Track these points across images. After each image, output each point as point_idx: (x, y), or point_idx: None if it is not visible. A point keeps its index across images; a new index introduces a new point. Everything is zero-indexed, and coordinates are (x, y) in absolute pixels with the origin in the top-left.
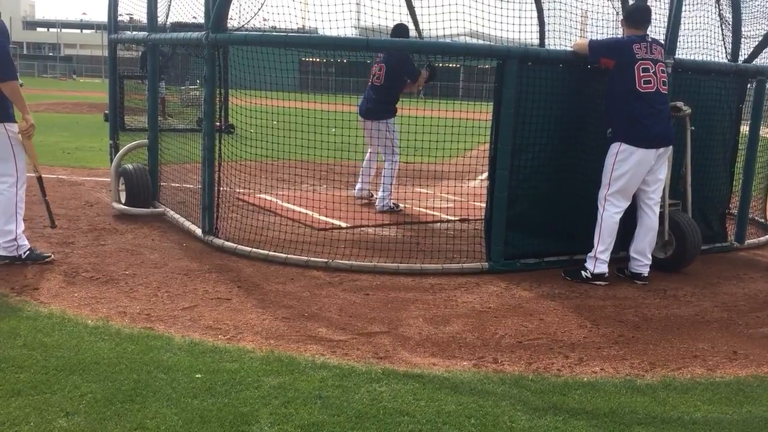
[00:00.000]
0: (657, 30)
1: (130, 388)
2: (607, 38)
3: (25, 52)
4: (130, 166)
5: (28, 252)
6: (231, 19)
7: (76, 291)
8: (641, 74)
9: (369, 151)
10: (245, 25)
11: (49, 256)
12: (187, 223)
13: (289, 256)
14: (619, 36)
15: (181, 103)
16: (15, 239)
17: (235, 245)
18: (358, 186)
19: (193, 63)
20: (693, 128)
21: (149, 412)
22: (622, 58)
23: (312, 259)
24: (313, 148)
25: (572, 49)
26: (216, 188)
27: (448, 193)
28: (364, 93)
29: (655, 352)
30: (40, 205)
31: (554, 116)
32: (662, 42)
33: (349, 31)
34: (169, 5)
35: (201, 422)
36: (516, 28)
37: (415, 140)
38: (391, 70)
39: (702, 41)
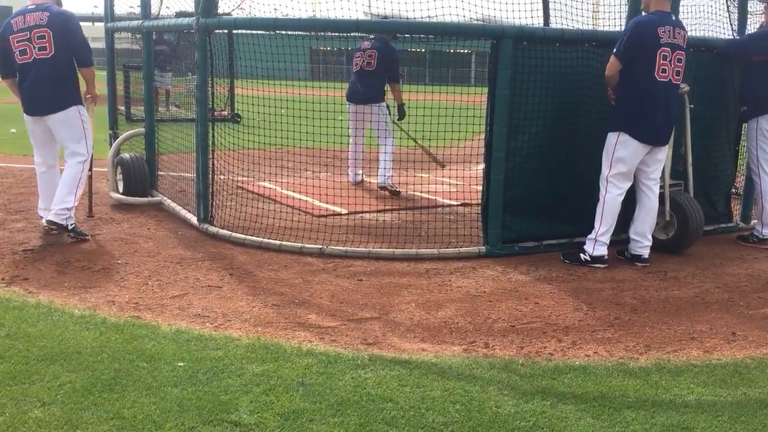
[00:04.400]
0: None
1: (110, 377)
2: (628, 38)
3: None
4: (127, 156)
5: (73, 225)
6: (241, 9)
7: (66, 280)
8: (661, 62)
9: (354, 136)
10: (247, 10)
11: (88, 236)
12: (183, 212)
13: (283, 243)
14: (638, 21)
15: (187, 93)
16: (69, 209)
17: (230, 233)
18: (358, 172)
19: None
20: (692, 106)
21: (127, 402)
22: (646, 48)
23: (306, 245)
24: (320, 135)
25: (607, 75)
26: (210, 176)
27: (450, 178)
28: (352, 80)
29: (651, 335)
30: (36, 196)
31: (551, 96)
32: (684, 26)
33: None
34: None
35: (179, 411)
36: (520, 8)
37: (423, 124)
38: (381, 59)
39: (707, 16)
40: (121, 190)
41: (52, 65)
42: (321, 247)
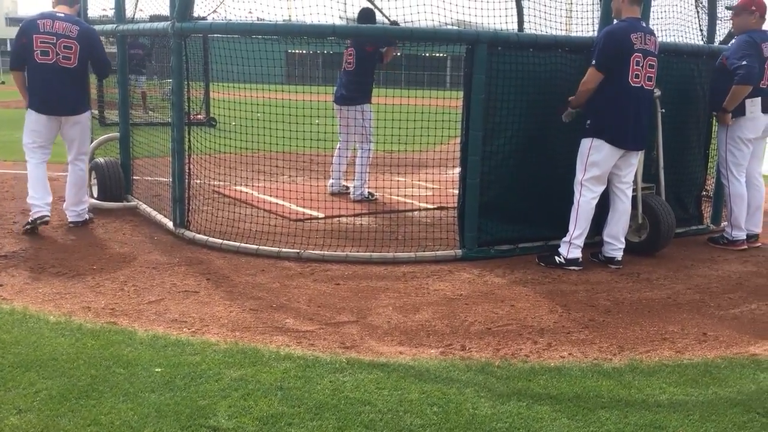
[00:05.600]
0: None
1: (86, 383)
2: (603, 47)
3: (8, 48)
4: (101, 160)
5: (88, 216)
6: (214, 11)
7: (41, 287)
8: (634, 68)
9: (341, 141)
10: (221, 13)
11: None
12: (159, 216)
13: (260, 247)
14: (611, 29)
15: (161, 96)
16: (86, 207)
17: (206, 237)
18: (331, 181)
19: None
20: (663, 111)
21: (104, 408)
22: (621, 54)
23: (284, 249)
24: (296, 139)
25: (586, 87)
26: (186, 180)
27: (427, 181)
28: (338, 80)
29: (624, 336)
30: (10, 201)
31: (526, 101)
32: (654, 32)
33: (336, 22)
34: None
35: (157, 417)
36: (494, 13)
37: (400, 128)
38: (361, 54)
39: (677, 22)
40: (95, 195)
41: (74, 74)
42: (298, 251)
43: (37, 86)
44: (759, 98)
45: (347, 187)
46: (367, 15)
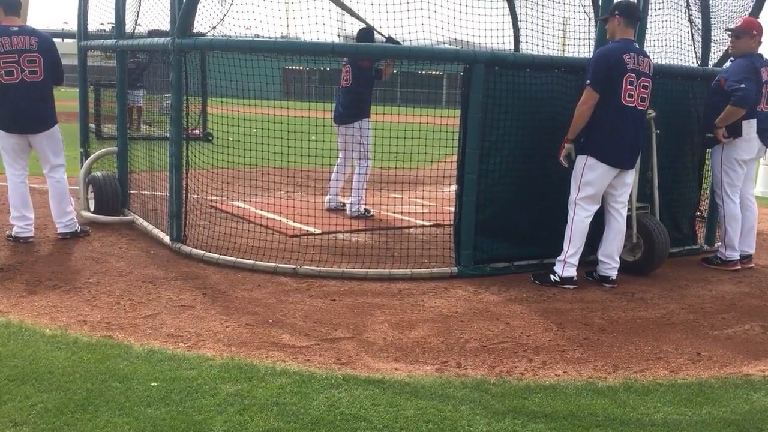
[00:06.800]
0: None
1: (82, 397)
2: (595, 67)
3: None
4: (98, 174)
5: (79, 227)
6: (213, 28)
7: (37, 300)
8: (627, 87)
9: (339, 157)
10: (218, 28)
11: (89, 229)
12: (156, 231)
13: (256, 262)
14: (604, 49)
15: (159, 111)
16: (74, 217)
17: (203, 252)
18: (328, 197)
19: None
20: (658, 132)
21: (100, 422)
22: (614, 73)
23: (280, 265)
24: (292, 155)
25: (583, 109)
26: (184, 195)
27: (423, 198)
28: (336, 98)
29: (619, 355)
30: (6, 215)
31: (522, 120)
32: (648, 54)
33: (333, 39)
34: (138, 12)
35: (153, 431)
36: (491, 33)
37: (396, 145)
38: (358, 70)
39: (672, 45)
40: (92, 209)
41: (41, 88)
42: (294, 267)
43: (5, 107)
44: (755, 120)
45: (344, 204)
46: (365, 35)
